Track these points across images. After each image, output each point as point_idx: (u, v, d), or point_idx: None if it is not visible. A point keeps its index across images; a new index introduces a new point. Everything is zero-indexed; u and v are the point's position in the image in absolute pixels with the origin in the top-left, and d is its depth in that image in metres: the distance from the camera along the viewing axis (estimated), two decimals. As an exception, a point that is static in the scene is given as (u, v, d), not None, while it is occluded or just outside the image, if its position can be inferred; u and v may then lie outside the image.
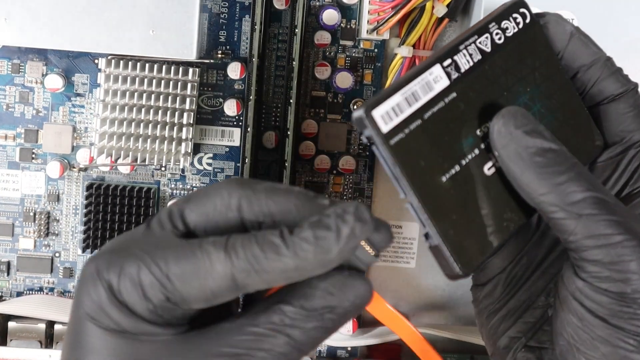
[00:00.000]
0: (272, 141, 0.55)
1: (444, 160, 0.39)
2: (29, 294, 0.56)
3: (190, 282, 0.31)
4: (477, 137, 0.39)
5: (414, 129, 0.38)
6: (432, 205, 0.38)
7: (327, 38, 0.54)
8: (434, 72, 0.39)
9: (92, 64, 0.54)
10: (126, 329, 0.32)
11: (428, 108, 0.38)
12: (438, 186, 0.38)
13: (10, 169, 0.55)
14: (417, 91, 0.38)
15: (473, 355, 0.58)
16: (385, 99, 0.37)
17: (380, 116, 0.37)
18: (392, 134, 0.37)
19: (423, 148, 0.38)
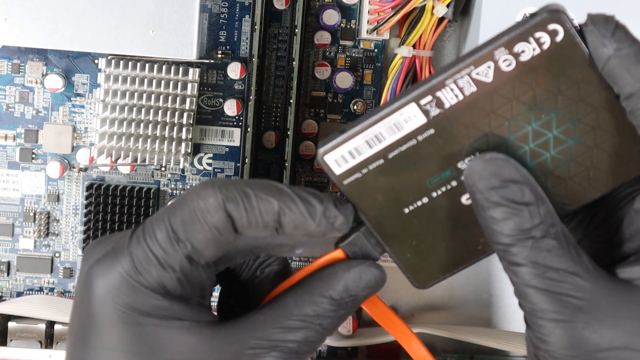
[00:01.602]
0: (272, 141, 0.55)
1: (408, 194, 0.39)
2: (29, 294, 0.56)
3: (193, 224, 0.32)
4: (458, 169, 0.38)
5: (373, 169, 0.38)
6: (386, 233, 0.39)
7: (327, 38, 0.54)
8: (406, 113, 0.38)
9: (92, 64, 0.54)
10: (157, 313, 0.32)
11: (394, 148, 0.38)
12: (397, 217, 0.39)
13: (10, 169, 0.55)
14: (381, 133, 0.38)
15: (473, 355, 0.58)
16: (341, 143, 0.37)
17: (335, 160, 0.38)
18: (347, 174, 0.38)
19: (383, 185, 0.39)
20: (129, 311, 0.32)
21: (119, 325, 0.32)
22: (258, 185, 0.33)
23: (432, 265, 0.40)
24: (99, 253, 0.33)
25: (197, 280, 0.33)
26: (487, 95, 0.37)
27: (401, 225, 0.39)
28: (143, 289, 0.32)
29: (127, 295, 0.32)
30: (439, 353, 0.58)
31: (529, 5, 0.48)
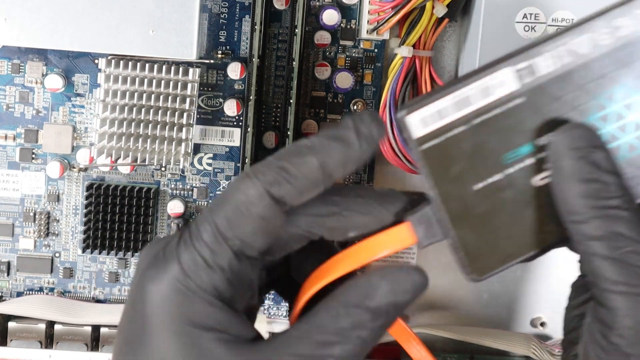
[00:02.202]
0: (272, 141, 0.55)
1: (483, 168, 0.37)
2: (29, 294, 0.56)
3: (238, 220, 0.31)
4: (537, 146, 0.37)
5: (455, 134, 0.37)
6: (453, 211, 0.37)
7: (327, 38, 0.54)
8: (499, 77, 0.36)
9: (92, 64, 0.54)
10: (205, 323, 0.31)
11: (480, 114, 0.36)
12: (468, 193, 0.37)
13: (10, 169, 0.55)
14: (471, 96, 0.37)
15: (473, 355, 0.58)
16: (428, 102, 0.36)
17: (418, 120, 0.36)
18: (427, 138, 0.36)
19: (461, 154, 0.37)
20: (179, 321, 0.31)
21: (169, 336, 0.31)
22: (289, 153, 0.32)
23: (493, 253, 0.37)
24: (151, 258, 0.33)
25: (247, 277, 0.32)
26: (581, 69, 0.36)
27: (469, 203, 0.37)
28: (193, 295, 0.31)
29: (178, 303, 0.31)
30: (439, 353, 0.58)
31: (529, 5, 0.48)
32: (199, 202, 0.56)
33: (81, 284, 0.57)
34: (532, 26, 0.49)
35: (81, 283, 0.57)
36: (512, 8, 0.49)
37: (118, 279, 0.57)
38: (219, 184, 0.56)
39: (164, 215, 0.56)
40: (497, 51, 0.49)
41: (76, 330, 0.54)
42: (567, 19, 0.49)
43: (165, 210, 0.56)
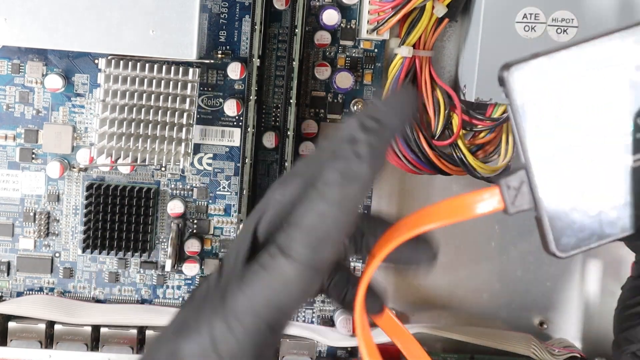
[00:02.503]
0: (272, 141, 0.55)
1: (581, 137, 0.35)
2: (29, 294, 0.56)
3: (276, 302, 0.30)
4: (638, 125, 0.35)
5: (559, 97, 0.35)
6: (546, 179, 0.35)
7: (327, 38, 0.54)
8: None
9: (92, 64, 0.54)
10: None
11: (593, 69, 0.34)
12: (563, 162, 0.35)
13: (10, 169, 0.55)
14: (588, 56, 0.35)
15: (473, 355, 0.58)
16: (532, 58, 0.34)
17: (529, 73, 0.34)
18: (528, 94, 0.35)
19: (561, 119, 0.35)
20: None
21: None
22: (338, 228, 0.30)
23: (580, 231, 0.35)
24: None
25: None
26: None
27: (562, 169, 0.35)
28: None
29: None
30: (439, 353, 0.58)
31: (529, 5, 0.48)
32: (199, 202, 0.56)
33: (81, 284, 0.57)
34: (532, 26, 0.49)
35: (81, 283, 0.57)
36: (512, 8, 0.49)
37: (118, 279, 0.57)
38: (219, 184, 0.56)
39: (164, 215, 0.56)
40: (497, 51, 0.50)
41: (76, 330, 0.54)
42: (567, 18, 0.49)
43: (165, 210, 0.56)
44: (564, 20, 0.48)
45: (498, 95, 0.49)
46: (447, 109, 0.52)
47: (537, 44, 0.49)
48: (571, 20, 0.48)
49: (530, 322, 0.60)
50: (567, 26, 0.48)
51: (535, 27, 0.48)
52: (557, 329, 0.60)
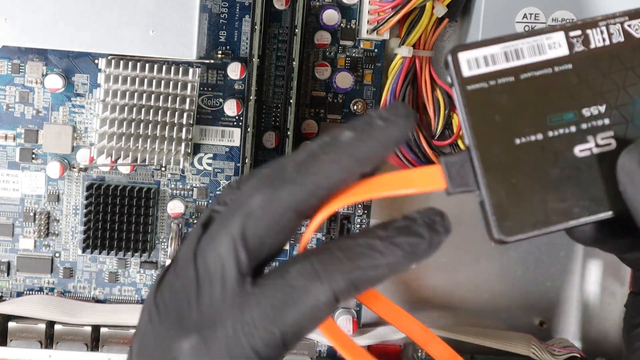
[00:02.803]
0: (272, 141, 0.55)
1: (526, 124, 0.37)
2: (29, 294, 0.56)
3: (305, 324, 0.32)
4: (583, 117, 0.37)
5: (501, 84, 0.37)
6: (489, 160, 0.36)
7: (327, 38, 0.54)
8: (553, 38, 0.37)
9: (92, 64, 0.54)
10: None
11: (529, 70, 0.37)
12: (507, 145, 0.37)
13: (10, 169, 0.55)
14: (522, 49, 0.37)
15: (473, 355, 0.58)
16: (480, 45, 0.36)
17: (467, 60, 0.37)
18: (474, 80, 0.36)
19: (505, 105, 0.37)
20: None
21: None
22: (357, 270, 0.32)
23: (523, 215, 0.36)
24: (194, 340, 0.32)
25: None
26: (632, 51, 0.36)
27: (507, 157, 0.37)
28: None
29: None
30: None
31: (529, 5, 0.48)
32: (199, 202, 0.56)
33: (81, 284, 0.57)
34: (532, 26, 0.49)
35: (81, 283, 0.57)
36: (512, 8, 0.49)
37: (118, 279, 0.57)
38: (219, 184, 0.56)
39: (164, 215, 0.56)
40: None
41: (76, 330, 0.54)
42: (567, 18, 0.49)
43: (165, 210, 0.56)
44: (564, 20, 0.48)
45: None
46: (447, 109, 0.52)
47: (537, 44, 0.49)
48: (571, 20, 0.48)
49: (530, 322, 0.60)
50: (567, 26, 0.48)
51: (535, 27, 0.48)
52: (557, 329, 0.60)
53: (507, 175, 0.36)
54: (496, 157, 0.36)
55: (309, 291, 0.31)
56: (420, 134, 0.52)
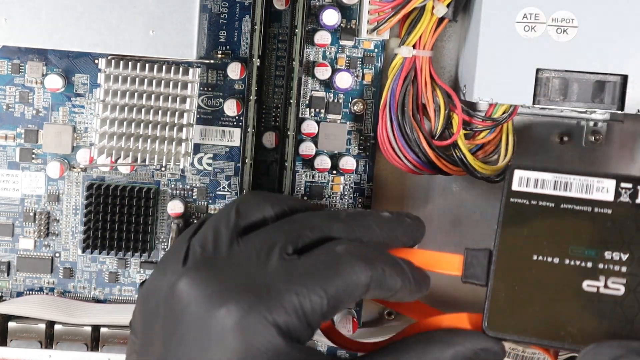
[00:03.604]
0: (272, 141, 0.55)
1: (549, 247, 0.41)
2: (29, 294, 0.56)
3: (343, 298, 0.37)
4: (603, 257, 0.40)
5: (541, 206, 0.42)
6: (504, 266, 0.41)
7: (327, 38, 0.54)
8: (604, 183, 0.41)
9: (92, 64, 0.54)
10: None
11: (571, 203, 0.41)
12: (525, 257, 0.41)
13: (10, 169, 0.55)
14: (571, 184, 0.42)
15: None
16: (536, 169, 0.42)
17: (520, 177, 0.42)
18: (519, 194, 0.42)
19: (537, 225, 0.41)
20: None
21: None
22: (387, 262, 0.39)
23: (514, 320, 0.41)
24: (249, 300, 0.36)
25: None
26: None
27: (520, 267, 0.41)
28: (288, 341, 0.36)
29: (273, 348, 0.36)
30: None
31: (529, 5, 0.48)
32: (199, 202, 0.56)
33: (81, 284, 0.57)
34: (532, 26, 0.49)
35: (81, 283, 0.57)
36: (512, 8, 0.49)
37: (118, 279, 0.57)
38: (219, 184, 0.56)
39: (164, 215, 0.56)
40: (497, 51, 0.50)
41: (76, 330, 0.54)
42: (567, 18, 0.48)
43: (165, 210, 0.56)
44: (564, 20, 0.48)
45: (498, 95, 0.49)
46: (447, 109, 0.52)
47: (537, 44, 0.49)
48: (571, 20, 0.48)
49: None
50: (567, 26, 0.48)
51: (535, 27, 0.48)
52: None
53: (514, 282, 0.41)
54: (511, 264, 0.41)
55: (354, 268, 0.37)
56: (420, 134, 0.52)
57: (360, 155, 0.56)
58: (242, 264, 0.38)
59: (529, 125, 0.57)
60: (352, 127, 0.56)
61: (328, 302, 0.36)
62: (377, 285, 0.38)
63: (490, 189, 0.57)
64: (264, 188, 0.55)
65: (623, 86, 0.49)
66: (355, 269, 0.37)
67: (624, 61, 0.49)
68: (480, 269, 0.42)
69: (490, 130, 0.53)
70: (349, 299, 0.37)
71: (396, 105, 0.52)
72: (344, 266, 0.37)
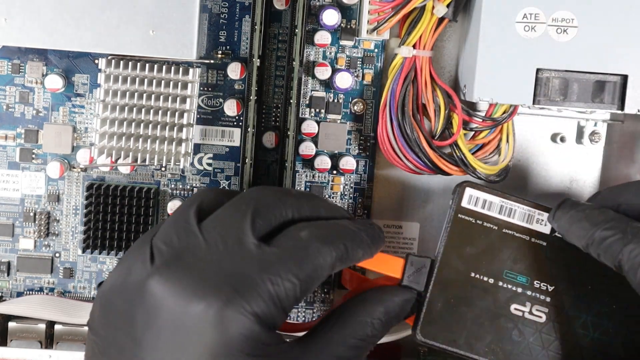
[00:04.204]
0: (272, 141, 0.55)
1: (487, 267, 0.45)
2: (29, 294, 0.56)
3: (314, 280, 0.39)
4: (532, 285, 0.45)
5: (485, 227, 0.46)
6: (444, 276, 0.45)
7: (327, 38, 0.54)
8: (544, 216, 0.46)
9: (92, 64, 0.54)
10: (268, 345, 0.38)
11: (512, 228, 0.46)
12: (463, 273, 0.45)
13: (10, 169, 0.55)
14: (515, 211, 0.46)
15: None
16: (487, 191, 0.47)
17: (470, 195, 0.47)
18: (466, 212, 0.46)
19: (479, 244, 0.46)
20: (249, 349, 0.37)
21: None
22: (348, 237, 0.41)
23: (444, 329, 0.45)
24: (227, 292, 0.37)
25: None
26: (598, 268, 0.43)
27: (458, 281, 0.45)
28: (265, 329, 0.37)
29: (251, 336, 0.37)
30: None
31: (529, 5, 0.48)
32: (199, 202, 0.56)
33: (81, 284, 0.57)
34: (532, 26, 0.49)
35: (81, 283, 0.57)
36: (512, 8, 0.49)
37: (118, 279, 0.57)
38: (218, 184, 0.56)
39: (164, 215, 0.56)
40: (497, 51, 0.50)
41: (76, 330, 0.54)
42: (567, 18, 0.49)
43: (165, 210, 0.56)
44: (564, 20, 0.48)
45: (498, 95, 0.49)
46: (447, 109, 0.52)
47: (537, 44, 0.49)
48: (571, 20, 0.48)
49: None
50: (567, 26, 0.48)
51: (535, 27, 0.48)
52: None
53: (450, 295, 0.45)
54: (450, 277, 0.45)
55: (320, 251, 0.39)
56: (420, 134, 0.52)
57: (360, 155, 0.56)
58: (212, 255, 0.39)
59: (529, 125, 0.57)
60: (352, 127, 0.56)
61: (300, 286, 0.38)
62: (342, 262, 0.41)
63: (490, 189, 0.57)
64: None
65: (623, 86, 0.49)
66: (322, 251, 0.39)
67: (624, 61, 0.49)
68: (421, 276, 0.45)
69: (490, 130, 0.53)
70: (318, 281, 0.40)
71: (396, 105, 0.52)
72: (312, 251, 0.39)
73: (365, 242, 0.42)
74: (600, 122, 0.56)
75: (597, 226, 0.42)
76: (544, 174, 0.57)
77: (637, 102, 0.49)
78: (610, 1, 0.48)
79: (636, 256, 0.39)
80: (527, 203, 0.46)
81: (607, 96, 0.49)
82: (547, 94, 0.49)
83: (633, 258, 0.39)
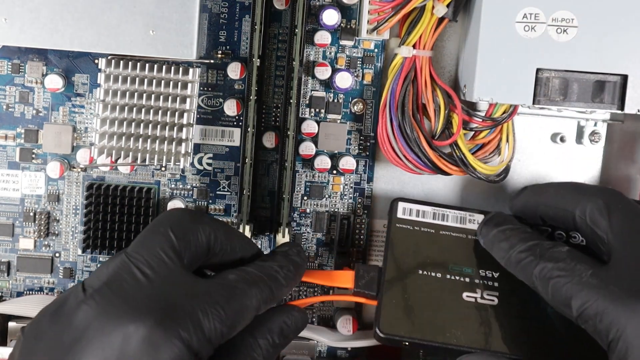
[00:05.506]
0: (272, 141, 0.55)
1: (433, 264, 0.49)
2: (29, 294, 0.56)
3: (240, 318, 0.41)
4: (478, 274, 0.49)
5: (423, 231, 0.51)
6: (392, 279, 0.49)
7: (327, 38, 0.54)
8: (474, 217, 0.52)
9: (92, 64, 0.54)
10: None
11: (448, 230, 0.51)
12: (411, 272, 0.49)
13: (10, 169, 0.55)
14: (448, 215, 0.51)
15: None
16: (416, 203, 0.52)
17: (403, 208, 0.52)
18: (403, 221, 0.51)
19: (421, 246, 0.50)
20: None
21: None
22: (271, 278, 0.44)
23: (403, 323, 0.47)
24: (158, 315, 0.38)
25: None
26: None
27: (408, 279, 0.49)
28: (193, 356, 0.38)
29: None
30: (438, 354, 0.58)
31: (529, 5, 0.48)
32: (199, 202, 0.56)
33: (81, 284, 0.56)
34: (532, 26, 0.49)
35: (81, 283, 0.56)
36: (512, 8, 0.49)
37: (118, 279, 0.57)
38: (218, 184, 0.56)
39: (164, 215, 0.56)
40: (497, 51, 0.50)
41: (76, 330, 0.54)
42: (567, 18, 0.49)
43: (165, 210, 0.56)
44: (564, 20, 0.48)
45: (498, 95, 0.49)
46: (447, 109, 0.52)
47: (537, 44, 0.49)
48: (571, 20, 0.48)
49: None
50: (567, 26, 0.48)
51: (535, 27, 0.48)
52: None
53: (404, 292, 0.48)
54: (400, 278, 0.49)
55: (247, 293, 0.42)
56: (420, 134, 0.52)
57: (360, 155, 0.56)
58: (140, 281, 0.40)
59: (529, 125, 0.57)
60: (352, 127, 0.56)
61: (227, 322, 0.40)
62: (267, 303, 0.43)
63: (490, 189, 0.57)
64: (265, 188, 0.55)
65: (623, 86, 0.49)
66: (248, 293, 0.42)
67: (624, 61, 0.49)
68: (372, 282, 0.49)
69: (490, 130, 0.53)
70: (244, 322, 0.42)
71: (396, 105, 0.52)
72: (239, 292, 0.42)
73: (288, 279, 0.45)
74: (600, 122, 0.56)
75: (513, 248, 0.46)
76: (544, 174, 0.57)
77: (637, 102, 0.49)
78: (610, 1, 0.48)
79: (545, 275, 0.43)
80: (456, 208, 0.52)
81: (607, 96, 0.49)
82: (547, 94, 0.49)
83: (542, 277, 0.44)
